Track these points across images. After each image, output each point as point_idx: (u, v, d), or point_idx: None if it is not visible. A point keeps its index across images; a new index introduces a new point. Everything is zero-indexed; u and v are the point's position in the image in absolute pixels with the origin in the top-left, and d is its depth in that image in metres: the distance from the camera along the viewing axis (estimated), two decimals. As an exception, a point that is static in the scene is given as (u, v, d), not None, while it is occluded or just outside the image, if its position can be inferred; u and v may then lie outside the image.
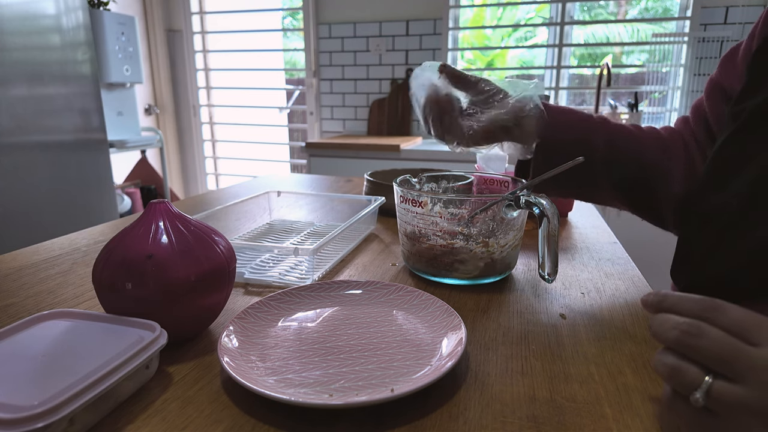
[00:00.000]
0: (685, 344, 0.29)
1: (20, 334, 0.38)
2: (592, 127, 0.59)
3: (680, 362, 0.29)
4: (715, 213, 0.48)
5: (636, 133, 0.61)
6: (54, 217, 1.66)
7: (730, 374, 0.27)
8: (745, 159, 0.46)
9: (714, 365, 0.28)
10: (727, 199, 0.46)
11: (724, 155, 0.49)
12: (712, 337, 0.28)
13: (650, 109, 2.44)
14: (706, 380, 0.28)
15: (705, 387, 0.27)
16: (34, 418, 0.28)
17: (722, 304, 0.29)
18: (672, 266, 0.53)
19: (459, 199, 0.56)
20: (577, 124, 0.59)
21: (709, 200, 0.49)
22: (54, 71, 1.65)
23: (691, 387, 0.28)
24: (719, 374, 0.28)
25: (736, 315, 0.29)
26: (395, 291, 0.50)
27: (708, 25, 2.22)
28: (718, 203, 0.47)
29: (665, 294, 0.32)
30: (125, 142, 2.37)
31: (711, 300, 0.30)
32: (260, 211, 0.81)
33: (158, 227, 0.41)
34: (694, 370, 0.28)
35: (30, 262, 0.64)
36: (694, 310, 0.30)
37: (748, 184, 0.45)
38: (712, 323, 0.29)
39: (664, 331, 0.30)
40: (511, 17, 2.83)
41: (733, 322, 0.28)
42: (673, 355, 0.29)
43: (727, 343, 0.28)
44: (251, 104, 3.19)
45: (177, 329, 0.41)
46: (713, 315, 0.29)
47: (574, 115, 0.60)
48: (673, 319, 0.30)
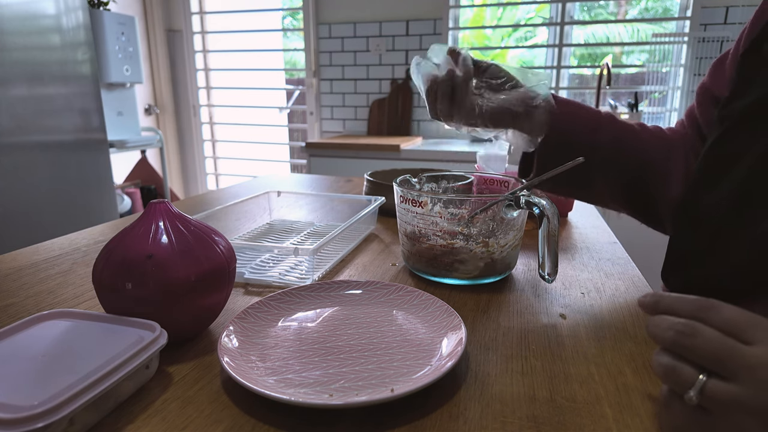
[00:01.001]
0: (679, 344, 0.29)
1: (20, 334, 0.38)
2: (599, 124, 0.59)
3: (675, 362, 0.29)
4: (706, 213, 0.48)
5: (641, 133, 0.61)
6: (54, 217, 1.66)
7: (724, 373, 0.28)
8: (734, 158, 0.47)
9: (708, 364, 0.28)
10: (718, 200, 0.47)
11: (714, 155, 0.49)
12: (706, 337, 0.28)
13: (650, 109, 2.44)
14: (700, 378, 0.28)
15: (699, 385, 0.28)
16: (34, 418, 0.28)
17: (717, 304, 0.30)
18: (663, 267, 0.53)
19: (459, 199, 0.56)
20: (585, 119, 0.59)
21: (701, 201, 0.49)
22: (54, 71, 1.65)
23: (686, 386, 0.28)
24: (713, 373, 0.28)
25: (730, 314, 0.29)
26: (395, 291, 0.50)
27: (708, 25, 2.22)
28: (710, 203, 0.48)
29: (661, 295, 0.32)
30: (125, 142, 2.37)
31: (706, 300, 0.30)
32: (260, 211, 0.81)
33: (158, 227, 0.41)
34: (688, 369, 0.29)
35: (30, 262, 0.64)
36: (689, 311, 0.30)
37: (739, 183, 0.45)
38: (707, 323, 0.29)
39: (660, 331, 0.30)
40: (511, 17, 2.83)
41: (727, 322, 0.29)
42: (669, 355, 0.30)
43: (721, 342, 0.28)
44: (251, 104, 3.19)
45: (177, 329, 0.41)
46: (707, 315, 0.29)
47: (582, 110, 0.60)
48: (668, 319, 0.30)
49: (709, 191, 0.48)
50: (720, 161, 0.48)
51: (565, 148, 0.57)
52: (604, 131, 0.59)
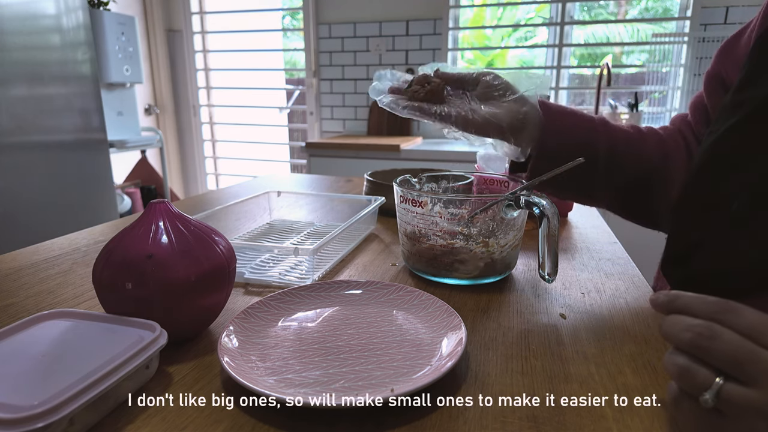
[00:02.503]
0: (698, 346, 0.28)
1: (20, 334, 0.38)
2: (593, 132, 0.57)
3: (691, 363, 0.29)
4: (714, 208, 0.47)
5: (636, 137, 0.59)
6: (54, 217, 1.66)
7: (742, 377, 0.27)
8: (746, 158, 0.45)
9: (727, 368, 0.27)
10: (728, 198, 0.46)
11: (724, 150, 0.47)
12: (725, 340, 0.28)
13: (650, 109, 2.44)
14: (717, 381, 0.27)
15: (716, 388, 0.27)
16: (34, 418, 0.28)
17: (736, 306, 0.29)
18: (663, 260, 0.51)
19: (459, 199, 0.56)
20: (579, 128, 0.57)
21: (707, 196, 0.48)
22: (54, 71, 1.65)
23: (702, 388, 0.28)
24: (730, 376, 0.27)
25: (751, 318, 0.28)
26: (395, 291, 0.50)
27: (708, 25, 2.22)
28: (718, 201, 0.46)
29: (677, 294, 0.31)
30: (125, 142, 2.37)
31: (725, 302, 0.29)
32: (260, 211, 0.81)
33: (158, 227, 0.41)
34: (705, 371, 0.28)
35: (30, 262, 0.64)
36: (707, 312, 0.29)
37: (750, 185, 0.44)
38: (726, 325, 0.28)
39: (677, 332, 0.29)
40: (511, 17, 2.83)
41: (747, 325, 0.28)
42: (684, 356, 0.29)
43: (740, 346, 0.27)
44: (251, 104, 3.19)
45: (177, 329, 0.41)
46: (726, 317, 0.29)
47: (575, 118, 0.58)
48: (686, 320, 0.29)
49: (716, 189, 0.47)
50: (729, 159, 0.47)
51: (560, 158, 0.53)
52: (599, 139, 0.57)
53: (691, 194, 0.50)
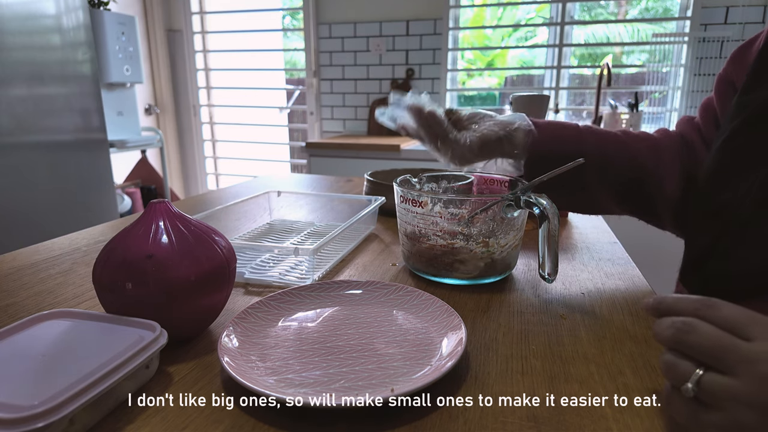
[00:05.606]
0: (678, 340, 0.30)
1: (20, 334, 0.38)
2: (581, 138, 0.60)
3: (675, 358, 0.30)
4: (726, 210, 0.47)
5: (624, 139, 0.61)
6: (54, 217, 1.66)
7: (721, 367, 0.28)
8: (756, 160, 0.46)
9: (706, 359, 0.29)
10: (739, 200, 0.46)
11: (733, 151, 0.48)
12: (703, 332, 0.29)
13: (650, 109, 2.44)
14: (697, 372, 0.29)
15: (695, 378, 0.29)
16: (34, 418, 0.28)
17: (716, 302, 0.31)
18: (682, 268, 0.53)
19: (459, 199, 0.56)
20: (567, 136, 0.60)
21: (718, 198, 0.49)
22: (54, 71, 1.65)
23: (683, 379, 0.29)
24: (711, 367, 0.29)
25: (729, 312, 0.30)
26: (395, 291, 0.50)
27: (708, 25, 2.21)
28: (731, 200, 0.47)
29: (662, 297, 0.33)
30: (125, 142, 2.37)
31: (706, 299, 0.31)
32: (260, 211, 0.81)
33: (158, 227, 0.41)
34: (686, 363, 0.30)
35: (30, 262, 0.64)
36: (688, 309, 0.31)
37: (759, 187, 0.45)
38: (706, 320, 0.30)
39: (661, 330, 0.31)
40: (511, 17, 2.83)
41: (725, 318, 0.29)
42: (672, 353, 0.31)
43: (717, 337, 0.29)
44: (251, 104, 3.19)
45: (177, 329, 0.41)
46: (706, 312, 0.30)
47: (562, 128, 0.61)
48: (668, 318, 0.31)
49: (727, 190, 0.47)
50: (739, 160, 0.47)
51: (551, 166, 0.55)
52: (588, 143, 0.59)
53: (701, 198, 0.50)
